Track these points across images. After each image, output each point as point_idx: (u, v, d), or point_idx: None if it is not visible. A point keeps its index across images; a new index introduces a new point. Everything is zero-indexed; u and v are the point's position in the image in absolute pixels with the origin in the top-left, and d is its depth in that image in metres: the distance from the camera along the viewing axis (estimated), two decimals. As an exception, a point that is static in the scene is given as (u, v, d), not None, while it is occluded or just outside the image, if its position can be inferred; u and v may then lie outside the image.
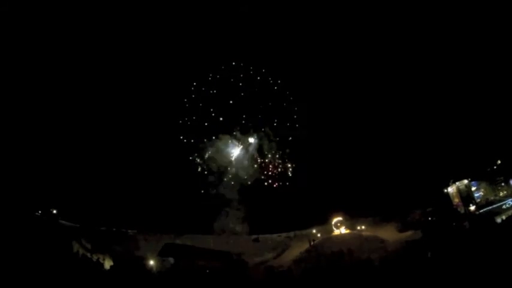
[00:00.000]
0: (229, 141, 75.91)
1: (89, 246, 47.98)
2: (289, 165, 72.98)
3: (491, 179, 45.13)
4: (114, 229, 53.24)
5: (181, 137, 67.83)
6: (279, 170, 73.70)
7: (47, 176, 51.79)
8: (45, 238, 42.72)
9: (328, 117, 64.87)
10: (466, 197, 46.17)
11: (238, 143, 74.03)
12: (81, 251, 45.14)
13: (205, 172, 70.76)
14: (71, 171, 54.91)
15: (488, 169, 45.71)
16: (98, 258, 44.97)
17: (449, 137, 51.61)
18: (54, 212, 50.51)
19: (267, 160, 74.12)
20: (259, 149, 74.10)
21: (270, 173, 73.93)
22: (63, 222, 50.65)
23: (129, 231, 56.22)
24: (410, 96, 59.64)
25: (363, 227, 61.05)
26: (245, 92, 69.28)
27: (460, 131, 50.53)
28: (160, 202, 60.03)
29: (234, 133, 74.57)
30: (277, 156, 73.95)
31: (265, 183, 71.37)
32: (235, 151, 74.62)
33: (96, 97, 58.20)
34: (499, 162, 45.07)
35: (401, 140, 59.28)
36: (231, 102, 69.61)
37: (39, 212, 49.05)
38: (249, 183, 72.25)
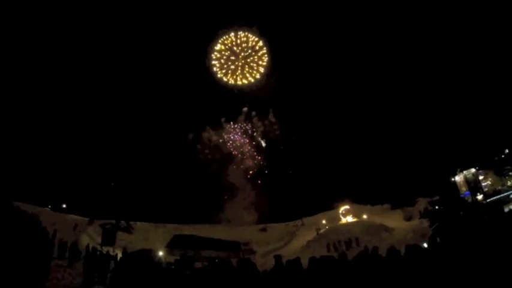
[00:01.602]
0: (233, 128, 76.08)
1: (98, 239, 48.36)
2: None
3: (498, 168, 44.60)
4: (122, 221, 53.55)
5: (184, 128, 68.08)
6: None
7: (56, 171, 52.37)
8: (54, 232, 43.20)
9: (336, 107, 64.70)
10: (474, 186, 45.71)
11: (242, 130, 74.01)
12: (91, 244, 45.58)
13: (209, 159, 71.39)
14: (78, 165, 55.49)
15: (496, 158, 45.23)
16: (108, 251, 45.46)
17: (457, 126, 51.33)
18: (64, 206, 51.12)
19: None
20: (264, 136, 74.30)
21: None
22: (73, 215, 51.26)
23: (137, 222, 56.69)
24: (418, 85, 59.31)
25: (370, 216, 61.15)
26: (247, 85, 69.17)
27: (468, 119, 50.21)
28: (167, 193, 60.60)
29: (238, 121, 74.65)
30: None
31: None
32: (240, 138, 74.42)
33: (98, 93, 58.43)
34: (506, 151, 44.59)
35: (409, 129, 59.20)
36: (236, 91, 69.68)
37: (49, 206, 49.66)
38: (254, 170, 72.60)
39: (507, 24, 46.04)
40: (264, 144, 75.29)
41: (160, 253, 52.43)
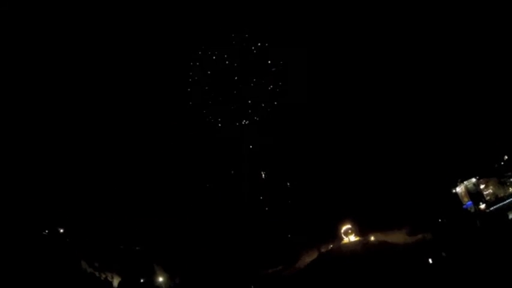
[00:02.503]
0: None
1: (96, 264, 47.53)
2: None
3: (499, 175, 44.73)
4: (121, 246, 52.59)
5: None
6: None
7: (53, 195, 51.57)
8: (53, 257, 42.52)
9: (333, 124, 64.72)
10: (475, 195, 45.71)
11: None
12: (89, 270, 44.79)
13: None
14: (77, 189, 54.66)
15: (496, 165, 45.37)
16: (106, 277, 44.57)
17: (454, 136, 51.35)
18: (61, 231, 50.12)
19: None
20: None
21: None
22: (71, 241, 50.20)
23: (137, 248, 55.57)
24: (413, 102, 59.64)
25: (373, 234, 60.35)
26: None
27: (464, 129, 50.25)
28: (168, 217, 59.68)
29: None
30: None
31: None
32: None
33: (103, 108, 57.96)
34: (506, 157, 44.83)
35: (406, 143, 59.12)
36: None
37: (46, 231, 48.66)
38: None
39: (504, 33, 46.84)
40: (263, 175, 74.14)
41: (160, 279, 51.48)
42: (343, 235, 62.16)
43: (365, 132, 64.14)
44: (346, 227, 62.19)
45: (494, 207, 42.80)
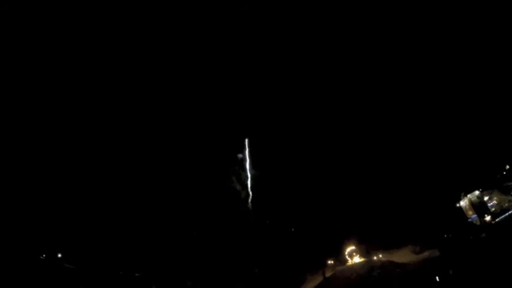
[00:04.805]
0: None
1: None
2: None
3: (502, 186, 44.42)
4: (120, 272, 51.45)
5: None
6: None
7: (51, 219, 50.88)
8: (50, 283, 41.73)
9: (335, 142, 64.60)
10: (480, 207, 45.29)
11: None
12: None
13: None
14: (76, 213, 53.94)
15: (498, 176, 45.14)
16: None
17: (455, 150, 51.21)
18: (59, 255, 49.23)
19: None
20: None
21: None
22: (69, 266, 49.18)
23: (136, 274, 54.36)
24: (411, 120, 59.86)
25: (378, 254, 59.25)
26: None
27: (465, 142, 50.15)
28: (169, 244, 58.71)
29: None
30: None
31: None
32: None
33: (105, 125, 57.56)
34: (507, 167, 44.63)
35: (407, 161, 58.95)
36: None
37: (44, 255, 47.75)
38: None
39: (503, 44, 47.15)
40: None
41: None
42: (347, 257, 61.14)
43: (368, 153, 64.10)
44: (350, 248, 61.25)
45: (500, 218, 42.24)
